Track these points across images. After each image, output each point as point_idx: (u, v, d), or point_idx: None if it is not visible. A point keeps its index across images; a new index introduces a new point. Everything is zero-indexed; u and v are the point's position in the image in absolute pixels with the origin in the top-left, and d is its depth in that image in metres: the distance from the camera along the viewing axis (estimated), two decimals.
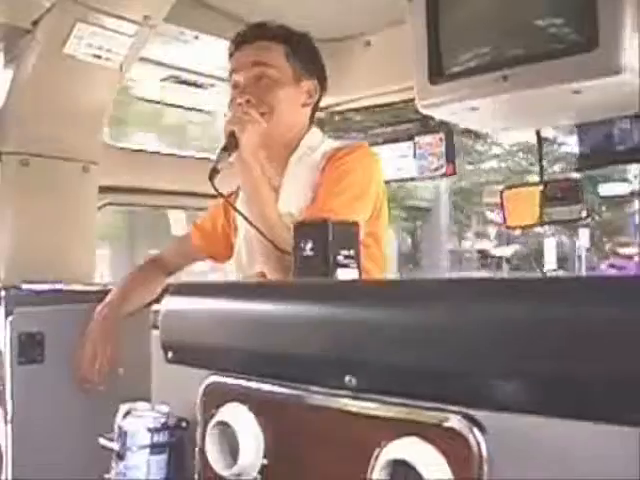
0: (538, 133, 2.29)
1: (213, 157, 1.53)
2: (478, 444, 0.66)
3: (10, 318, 1.46)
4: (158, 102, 3.72)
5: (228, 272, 1.92)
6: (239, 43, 1.73)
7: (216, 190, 1.46)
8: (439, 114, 2.25)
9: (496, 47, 1.79)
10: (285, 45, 1.70)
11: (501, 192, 2.43)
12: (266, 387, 0.89)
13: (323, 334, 0.85)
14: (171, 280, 1.81)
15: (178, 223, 2.67)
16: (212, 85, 2.56)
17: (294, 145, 1.70)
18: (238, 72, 1.69)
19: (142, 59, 2.15)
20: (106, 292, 1.66)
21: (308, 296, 0.91)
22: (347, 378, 0.80)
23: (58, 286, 1.70)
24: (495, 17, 1.80)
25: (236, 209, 1.59)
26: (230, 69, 1.73)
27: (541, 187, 2.32)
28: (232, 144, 1.51)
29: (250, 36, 1.72)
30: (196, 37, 2.29)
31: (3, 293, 1.49)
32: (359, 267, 1.18)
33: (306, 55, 1.74)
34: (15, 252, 1.91)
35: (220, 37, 2.33)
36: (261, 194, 1.53)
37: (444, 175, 2.52)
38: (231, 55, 1.74)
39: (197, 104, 3.01)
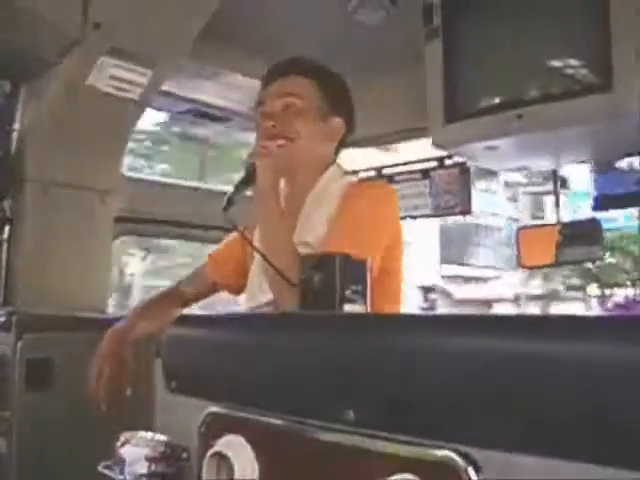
0: (554, 172, 2.28)
1: (228, 189, 1.55)
2: None
3: (19, 343, 1.47)
4: None
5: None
6: (271, 75, 1.73)
7: (229, 222, 1.46)
8: (454, 152, 2.27)
9: (511, 86, 1.81)
10: (316, 80, 1.71)
11: (517, 231, 2.43)
12: (264, 419, 0.88)
13: (323, 367, 0.84)
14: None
15: None
16: (229, 119, 2.60)
17: (316, 178, 1.71)
18: (267, 102, 1.71)
19: (162, 92, 2.19)
20: (116, 320, 1.67)
21: (309, 329, 0.90)
22: (346, 412, 0.79)
23: (68, 313, 1.71)
24: (511, 57, 1.82)
25: (247, 240, 1.59)
26: (259, 100, 1.74)
27: (558, 227, 2.31)
28: (250, 176, 1.52)
29: (283, 69, 1.72)
30: (215, 73, 2.33)
31: (14, 318, 1.51)
32: (366, 303, 1.18)
33: (336, 92, 1.74)
34: (30, 279, 1.93)
35: (240, 73, 2.38)
36: (275, 227, 1.54)
37: (459, 213, 2.52)
38: (263, 87, 1.75)
39: None
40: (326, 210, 1.64)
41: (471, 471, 0.65)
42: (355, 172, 2.61)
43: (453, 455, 0.67)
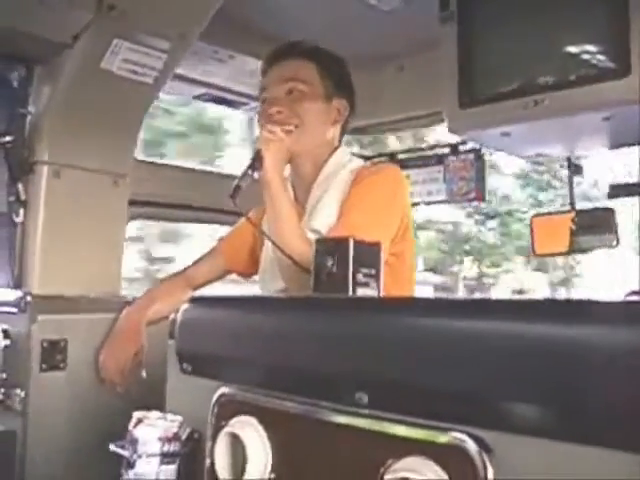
0: (569, 160, 2.26)
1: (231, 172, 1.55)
2: (484, 465, 0.65)
3: (34, 325, 1.48)
4: None
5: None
6: (272, 60, 1.74)
7: (237, 207, 1.47)
8: (469, 138, 2.25)
9: (527, 72, 1.78)
10: (317, 63, 1.72)
11: (531, 219, 2.41)
12: (277, 401, 0.88)
13: (336, 350, 0.84)
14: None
15: None
16: (244, 104, 2.59)
17: (323, 162, 1.71)
18: (270, 87, 1.71)
19: (176, 76, 2.18)
20: (129, 302, 1.68)
21: (322, 312, 0.91)
22: (358, 395, 0.79)
23: (82, 295, 1.72)
24: (527, 43, 1.80)
25: (257, 226, 1.60)
26: (262, 86, 1.75)
27: (572, 215, 2.29)
28: (257, 162, 1.52)
29: (283, 54, 1.73)
30: (230, 56, 2.32)
31: (29, 300, 1.52)
32: (379, 287, 1.18)
33: (337, 74, 1.75)
34: (43, 261, 1.94)
35: (255, 57, 2.37)
36: (283, 212, 1.54)
37: (473, 199, 2.50)
38: (264, 72, 1.76)
39: None
40: (335, 195, 1.64)
41: (483, 454, 0.65)
42: (368, 158, 2.60)
43: (465, 438, 0.67)
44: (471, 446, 0.66)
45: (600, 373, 0.59)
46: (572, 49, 1.71)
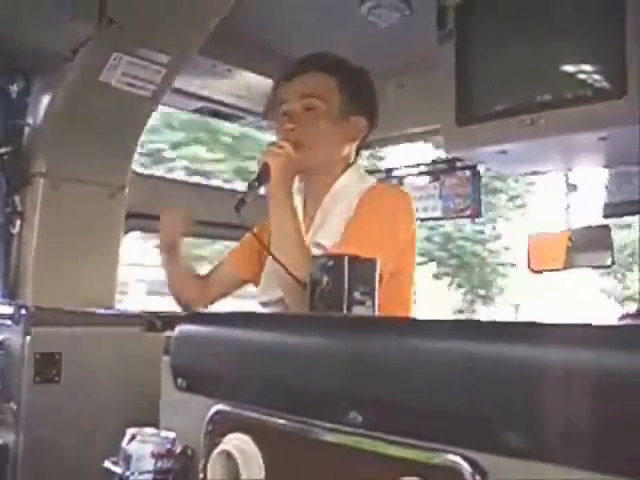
0: (565, 178, 2.28)
1: (238, 188, 1.55)
2: None
3: (28, 338, 1.48)
4: None
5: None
6: (292, 72, 1.72)
7: (241, 220, 1.46)
8: (466, 156, 2.27)
9: (524, 91, 1.80)
10: (338, 79, 1.69)
11: (528, 236, 2.42)
12: (271, 419, 0.88)
13: (331, 369, 0.84)
14: None
15: None
16: (242, 118, 2.60)
17: (335, 178, 1.70)
18: (287, 102, 1.69)
19: (174, 89, 2.19)
20: (124, 316, 1.68)
21: (318, 331, 0.90)
22: (352, 414, 0.79)
23: (77, 308, 1.71)
24: (524, 62, 1.81)
25: (258, 239, 1.59)
26: (281, 98, 1.72)
27: (568, 232, 2.31)
28: (264, 176, 1.52)
29: (304, 66, 1.71)
30: (228, 70, 2.33)
31: (23, 312, 1.51)
32: (374, 304, 1.18)
33: (358, 90, 1.72)
34: (39, 273, 1.94)
35: (253, 71, 2.38)
36: (286, 226, 1.53)
37: (469, 216, 2.51)
38: (284, 81, 1.73)
39: None
40: (342, 213, 1.63)
41: (477, 476, 0.65)
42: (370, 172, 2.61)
43: (460, 460, 0.67)
44: (465, 468, 0.66)
45: (594, 399, 0.59)
46: (569, 69, 1.72)
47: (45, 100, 2.01)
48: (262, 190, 1.53)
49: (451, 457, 0.67)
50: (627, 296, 14.80)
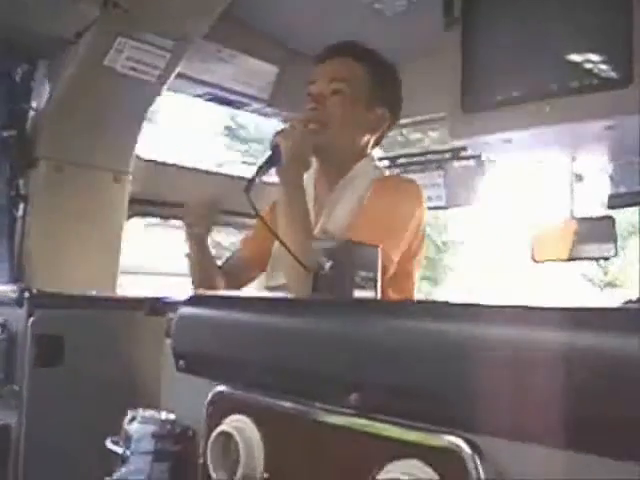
0: (571, 167, 2.27)
1: (239, 174, 1.54)
2: (477, 469, 0.65)
3: (31, 320, 1.48)
4: None
5: None
6: (324, 55, 1.72)
7: (250, 203, 1.44)
8: (471, 144, 2.26)
9: (530, 79, 1.79)
10: (368, 67, 1.69)
11: (531, 227, 2.42)
12: (271, 401, 0.88)
13: (331, 351, 0.84)
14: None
15: None
16: (247, 104, 2.60)
17: (350, 166, 1.69)
18: (316, 83, 1.69)
19: (179, 75, 2.18)
20: (127, 300, 1.68)
21: (318, 313, 0.91)
22: (352, 396, 0.79)
23: (79, 291, 1.72)
24: (532, 50, 1.80)
25: (266, 223, 1.59)
26: (310, 79, 1.72)
27: (572, 223, 2.30)
28: (275, 157, 1.50)
29: (336, 50, 1.71)
30: (233, 56, 2.32)
31: (26, 295, 1.51)
32: (376, 289, 1.18)
33: (386, 82, 1.73)
34: (42, 256, 1.94)
35: (257, 58, 2.37)
36: (294, 210, 1.52)
37: (474, 205, 2.51)
38: (316, 64, 1.73)
39: None
40: (352, 202, 1.63)
41: (476, 458, 0.65)
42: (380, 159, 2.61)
43: (458, 441, 0.67)
44: (465, 450, 0.66)
45: (597, 380, 0.59)
46: (575, 57, 1.71)
47: (49, 84, 2.01)
48: (274, 169, 1.51)
49: (451, 438, 0.67)
50: (607, 282, 14.49)
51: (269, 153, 1.51)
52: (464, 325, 0.72)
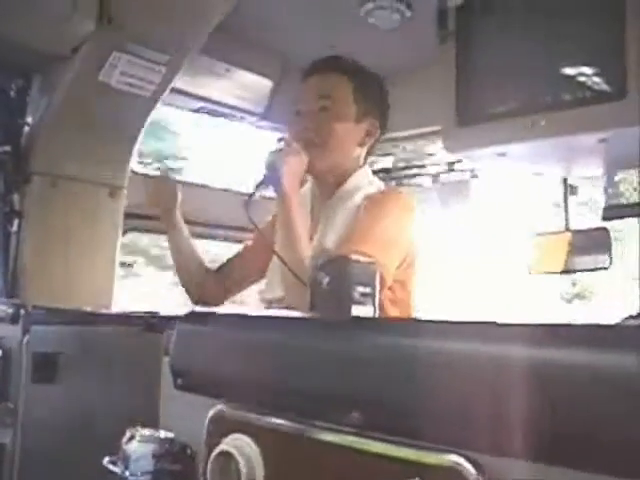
0: (565, 181, 2.28)
1: (237, 189, 1.55)
2: None
3: (26, 337, 1.47)
4: None
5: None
6: (310, 71, 1.73)
7: (249, 218, 1.46)
8: (465, 157, 2.26)
9: (524, 93, 1.80)
10: (354, 82, 1.70)
11: (527, 238, 2.42)
12: (272, 420, 0.87)
13: (331, 369, 0.84)
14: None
15: None
16: (241, 118, 2.60)
17: (343, 181, 1.70)
18: (303, 101, 1.70)
19: (173, 89, 2.18)
20: (124, 316, 1.67)
21: (319, 331, 0.90)
22: (353, 415, 0.78)
23: (75, 307, 1.71)
24: (525, 64, 1.81)
25: (266, 238, 1.60)
26: (297, 96, 1.74)
27: (568, 235, 2.31)
28: (272, 175, 1.51)
29: (322, 66, 1.72)
30: (227, 70, 2.33)
31: (21, 311, 1.50)
32: (375, 305, 1.18)
33: (373, 94, 1.73)
34: (37, 272, 1.93)
35: (252, 71, 2.38)
36: (293, 227, 1.53)
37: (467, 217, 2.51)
38: (302, 80, 1.75)
39: None
40: (346, 218, 1.63)
41: (480, 477, 0.65)
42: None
43: (462, 461, 0.66)
44: (468, 470, 0.66)
45: (606, 400, 0.59)
46: (569, 71, 1.72)
47: (44, 99, 2.01)
48: (270, 188, 1.52)
49: (454, 458, 0.67)
50: (575, 294, 13.68)
51: (265, 172, 1.52)
52: (466, 344, 0.72)
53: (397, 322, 0.96)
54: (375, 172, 2.76)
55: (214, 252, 2.53)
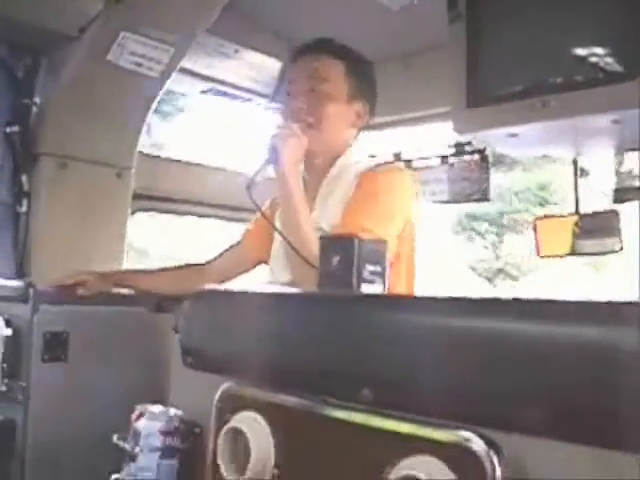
0: (575, 162, 2.26)
1: (242, 170, 1.54)
2: (493, 466, 0.64)
3: (36, 316, 1.48)
4: None
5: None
6: (300, 54, 1.74)
7: (252, 200, 1.46)
8: (475, 139, 2.25)
9: (536, 73, 1.78)
10: (345, 63, 1.71)
11: (535, 221, 2.41)
12: (281, 397, 0.87)
13: (342, 347, 0.83)
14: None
15: None
16: (249, 100, 2.59)
17: (335, 161, 1.71)
18: (295, 82, 1.71)
19: (182, 70, 2.17)
20: (131, 295, 1.68)
21: (328, 309, 0.90)
22: (364, 392, 0.78)
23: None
24: (536, 44, 1.79)
25: (268, 219, 1.60)
26: (288, 78, 1.75)
27: (576, 218, 2.29)
28: (273, 157, 1.52)
29: (313, 48, 1.72)
30: (236, 50, 2.31)
31: (31, 291, 1.51)
32: (384, 284, 1.17)
33: (363, 76, 1.74)
34: (46, 252, 1.94)
35: (261, 52, 2.36)
36: (296, 208, 1.54)
37: (477, 200, 2.50)
38: (292, 62, 1.76)
39: None
40: (340, 196, 1.64)
41: (491, 453, 0.65)
42: (373, 156, 2.59)
43: (473, 437, 0.66)
44: (480, 445, 0.65)
45: (612, 375, 0.59)
46: (581, 51, 1.70)
47: (52, 79, 2.00)
48: (272, 170, 1.53)
49: (465, 434, 0.67)
50: (499, 269, 12.58)
51: (267, 153, 1.53)
52: (477, 320, 0.72)
53: (407, 299, 0.95)
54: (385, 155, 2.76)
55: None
